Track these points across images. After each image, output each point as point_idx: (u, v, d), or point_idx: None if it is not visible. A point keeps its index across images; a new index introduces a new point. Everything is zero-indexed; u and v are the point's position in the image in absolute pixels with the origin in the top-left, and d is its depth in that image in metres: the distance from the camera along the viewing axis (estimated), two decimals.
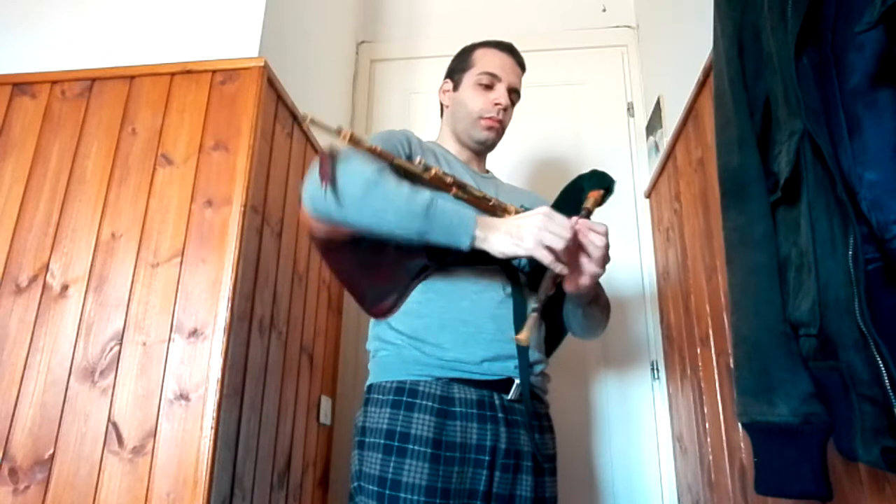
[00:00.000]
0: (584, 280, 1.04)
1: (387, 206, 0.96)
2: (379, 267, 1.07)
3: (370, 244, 1.02)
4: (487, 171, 1.35)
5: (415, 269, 1.10)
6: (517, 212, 1.11)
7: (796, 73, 0.72)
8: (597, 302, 1.17)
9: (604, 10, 2.22)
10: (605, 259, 1.04)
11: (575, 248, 1.01)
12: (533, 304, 0.99)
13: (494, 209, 1.11)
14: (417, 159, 1.08)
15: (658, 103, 1.82)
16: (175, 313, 1.22)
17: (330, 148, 1.00)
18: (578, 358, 1.86)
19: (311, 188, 0.98)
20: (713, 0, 0.95)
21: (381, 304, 1.12)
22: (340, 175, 0.97)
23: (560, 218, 0.98)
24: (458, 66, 1.31)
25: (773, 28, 0.79)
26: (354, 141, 1.01)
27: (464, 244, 0.97)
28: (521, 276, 1.17)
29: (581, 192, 1.15)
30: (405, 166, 1.06)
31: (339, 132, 0.98)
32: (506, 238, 0.97)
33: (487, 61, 1.27)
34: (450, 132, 1.31)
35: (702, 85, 1.39)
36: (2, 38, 1.53)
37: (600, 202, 1.13)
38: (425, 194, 0.98)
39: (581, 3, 2.24)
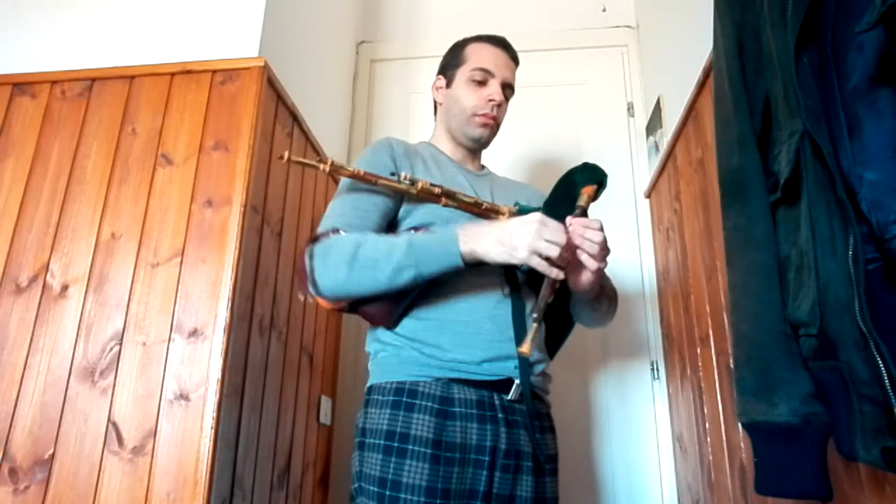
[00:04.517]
0: (587, 276, 1.04)
1: (376, 273, 1.01)
2: (380, 304, 1.09)
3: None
4: (483, 168, 1.35)
5: (416, 291, 1.10)
6: (511, 213, 1.11)
7: (796, 73, 0.72)
8: (603, 294, 1.16)
9: (604, 10, 2.22)
10: (605, 253, 1.03)
11: (572, 248, 1.01)
12: (533, 315, 0.99)
13: (487, 212, 1.11)
14: (402, 175, 1.08)
15: (658, 103, 1.82)
16: (175, 313, 1.22)
17: (311, 241, 1.08)
18: (578, 358, 1.86)
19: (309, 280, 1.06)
20: (713, 0, 0.95)
21: (381, 319, 1.12)
22: (323, 273, 1.04)
23: (553, 224, 0.97)
24: (451, 62, 1.30)
25: (773, 28, 0.79)
26: (336, 169, 1.04)
27: (456, 263, 1.00)
28: (520, 275, 1.17)
29: (574, 187, 1.14)
30: (391, 185, 1.08)
31: (318, 164, 1.02)
32: (498, 248, 0.98)
33: (480, 57, 1.26)
34: (444, 130, 1.30)
35: (702, 85, 1.39)
36: (2, 38, 1.53)
37: (594, 197, 1.13)
38: (401, 240, 1.02)
39: (581, 3, 2.24)
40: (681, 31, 1.61)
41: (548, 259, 0.96)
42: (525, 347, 0.94)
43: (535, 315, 0.98)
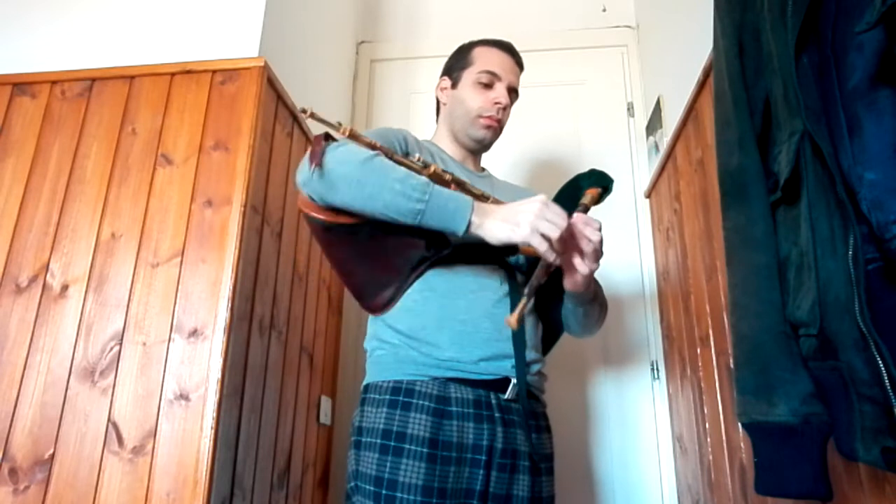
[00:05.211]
0: (580, 274, 1.05)
1: (383, 185, 0.95)
2: (377, 257, 1.07)
3: (369, 233, 1.02)
4: (483, 170, 1.35)
5: (413, 260, 1.09)
6: None
7: (796, 72, 0.72)
8: (595, 300, 1.18)
9: (604, 10, 2.22)
10: (599, 254, 1.04)
11: (570, 241, 1.01)
12: (525, 291, 0.99)
13: None
14: (416, 156, 1.08)
15: (658, 103, 1.82)
16: (175, 313, 1.22)
17: (326, 133, 1.00)
18: (578, 358, 1.86)
19: (305, 169, 0.99)
20: (713, 0, 0.95)
21: (378, 297, 1.11)
22: (334, 155, 0.97)
23: (556, 207, 0.98)
24: (457, 64, 1.31)
25: (773, 28, 0.79)
26: (353, 136, 1.01)
27: (460, 228, 0.96)
28: (519, 274, 1.17)
29: (579, 192, 1.16)
30: (404, 163, 1.06)
31: (338, 127, 0.98)
32: (502, 224, 0.97)
33: (487, 60, 1.27)
34: (446, 130, 1.31)
35: (702, 85, 1.39)
36: (2, 38, 1.53)
37: (597, 200, 1.14)
38: (422, 177, 0.98)
39: (581, 3, 2.24)
40: (681, 31, 1.61)
41: (548, 241, 0.96)
42: (512, 319, 0.94)
43: (525, 291, 0.98)
